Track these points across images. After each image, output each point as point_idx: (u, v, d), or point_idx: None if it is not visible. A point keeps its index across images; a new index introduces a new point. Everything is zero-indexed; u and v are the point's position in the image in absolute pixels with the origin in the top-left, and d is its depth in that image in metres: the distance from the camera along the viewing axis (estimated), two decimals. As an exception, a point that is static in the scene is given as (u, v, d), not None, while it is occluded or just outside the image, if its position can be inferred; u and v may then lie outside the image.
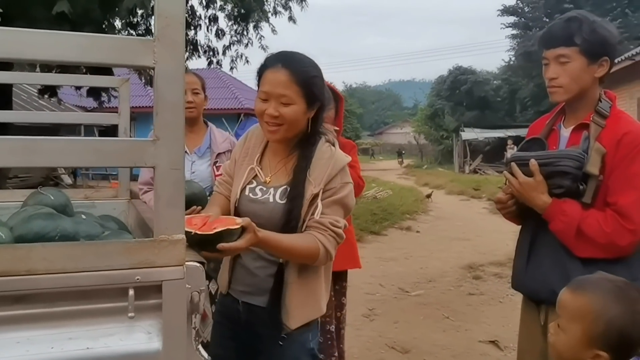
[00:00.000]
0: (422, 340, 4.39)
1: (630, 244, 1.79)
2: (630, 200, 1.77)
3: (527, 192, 1.90)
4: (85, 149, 1.11)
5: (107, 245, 1.18)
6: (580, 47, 1.86)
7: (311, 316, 1.78)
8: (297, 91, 1.69)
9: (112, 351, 1.17)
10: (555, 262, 1.90)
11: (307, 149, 1.77)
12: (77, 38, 1.10)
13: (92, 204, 2.72)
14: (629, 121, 1.89)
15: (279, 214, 1.72)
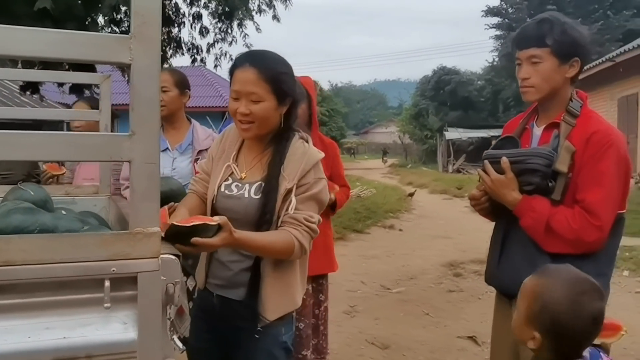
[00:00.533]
0: (401, 336, 4.45)
1: (596, 240, 1.85)
2: (597, 197, 1.83)
3: (498, 189, 1.96)
4: (63, 143, 1.13)
5: (83, 237, 1.21)
6: (552, 48, 1.92)
7: (287, 309, 1.82)
8: (266, 88, 1.73)
9: (89, 340, 1.20)
10: (525, 257, 1.96)
11: (281, 145, 1.81)
12: (53, 35, 1.13)
13: (72, 200, 2.73)
14: (599, 120, 1.95)
15: (253, 208, 1.76)
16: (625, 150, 1.91)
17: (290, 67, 1.84)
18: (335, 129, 34.64)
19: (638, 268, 6.40)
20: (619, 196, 1.90)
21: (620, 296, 5.52)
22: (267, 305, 1.77)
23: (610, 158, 1.85)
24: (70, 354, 1.18)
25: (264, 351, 1.81)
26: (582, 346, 1.42)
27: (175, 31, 9.55)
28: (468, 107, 32.85)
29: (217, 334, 1.89)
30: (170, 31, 9.63)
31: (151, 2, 1.18)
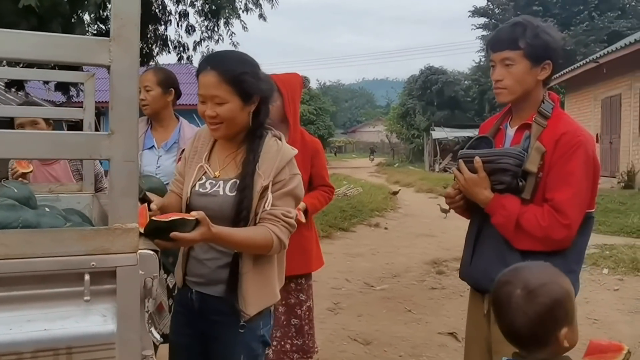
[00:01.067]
0: (383, 332, 4.52)
1: (564, 238, 1.91)
2: (565, 196, 1.89)
3: (471, 188, 2.02)
4: (43, 141, 1.17)
5: (63, 232, 1.25)
6: (524, 51, 1.97)
7: (267, 303, 1.87)
8: (228, 90, 1.77)
9: (69, 332, 1.24)
10: (496, 253, 2.02)
11: (254, 143, 1.86)
12: (34, 37, 1.16)
13: (56, 197, 2.76)
14: (568, 122, 2.01)
15: (229, 206, 1.80)
16: (593, 151, 1.96)
17: (254, 65, 1.86)
18: (323, 128, 34.68)
19: (617, 266, 6.52)
20: (587, 195, 1.95)
21: (599, 293, 5.64)
22: (248, 300, 1.81)
23: (579, 158, 1.90)
24: (50, 345, 1.22)
25: (243, 345, 1.86)
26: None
27: (161, 29, 9.55)
28: (455, 106, 33.05)
29: (196, 330, 1.93)
30: (157, 29, 9.63)
31: (130, 6, 1.23)
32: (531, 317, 1.34)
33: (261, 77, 1.87)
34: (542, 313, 1.33)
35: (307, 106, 33.39)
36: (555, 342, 1.35)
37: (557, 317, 1.35)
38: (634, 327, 4.62)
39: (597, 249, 7.43)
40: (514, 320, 1.36)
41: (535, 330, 1.35)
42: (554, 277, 1.40)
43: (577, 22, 25.90)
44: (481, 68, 32.46)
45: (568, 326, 1.36)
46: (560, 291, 1.37)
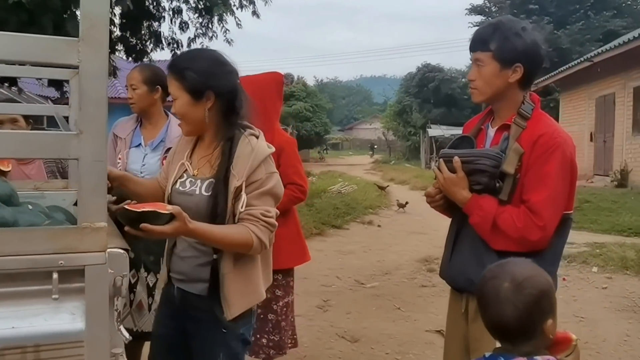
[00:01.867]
0: (371, 329, 4.54)
1: (540, 239, 1.91)
2: (541, 197, 1.89)
3: (449, 187, 2.02)
4: (12, 140, 1.18)
5: (31, 231, 1.26)
6: (494, 53, 1.97)
7: (250, 303, 1.89)
8: (176, 85, 1.85)
9: (37, 330, 1.25)
10: (474, 253, 2.02)
11: (226, 142, 1.87)
12: (3, 38, 1.17)
13: (41, 194, 2.75)
14: (547, 123, 2.00)
15: (204, 205, 1.82)
16: (571, 153, 1.96)
17: (205, 60, 1.87)
18: (319, 125, 34.67)
19: (606, 265, 6.56)
20: (564, 197, 1.95)
21: (587, 292, 5.68)
22: (230, 301, 1.83)
23: (556, 160, 1.91)
24: (18, 342, 1.23)
25: (222, 343, 1.88)
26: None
27: (155, 25, 9.52)
28: (451, 104, 33.08)
29: (178, 324, 1.96)
30: (151, 25, 9.59)
31: (99, 7, 1.23)
32: (520, 309, 1.37)
33: (216, 73, 1.86)
34: (530, 304, 1.37)
35: (303, 103, 33.42)
36: (541, 334, 1.39)
37: (544, 308, 1.39)
38: (620, 325, 4.66)
39: (588, 247, 7.46)
40: (503, 313, 1.39)
41: (524, 321, 1.38)
42: (537, 270, 1.45)
43: (573, 21, 25.92)
44: (478, 66, 32.44)
45: (552, 317, 1.40)
46: (545, 282, 1.42)
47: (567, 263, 6.76)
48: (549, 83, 19.60)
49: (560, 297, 5.61)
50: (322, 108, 36.17)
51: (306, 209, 10.21)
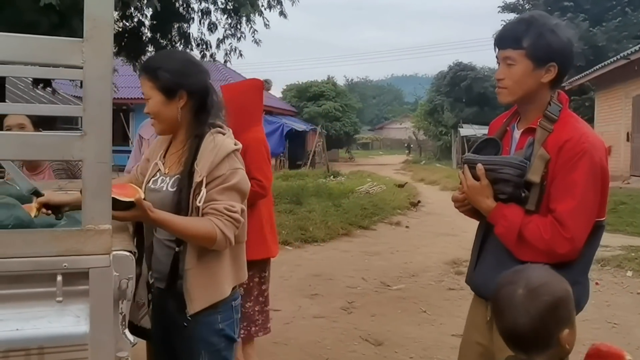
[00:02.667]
0: (395, 333, 4.48)
1: (569, 252, 1.81)
2: (567, 208, 1.79)
3: (473, 195, 1.95)
4: (15, 142, 1.18)
5: (35, 233, 1.25)
6: (526, 51, 1.86)
7: (213, 299, 1.88)
8: (150, 85, 1.88)
9: (41, 333, 1.25)
10: (498, 261, 1.93)
11: (194, 140, 1.91)
12: (7, 38, 1.17)
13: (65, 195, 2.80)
14: (575, 126, 1.88)
15: (169, 201, 1.86)
16: (601, 158, 1.84)
17: (179, 61, 1.94)
18: (348, 125, 34.59)
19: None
20: (594, 207, 1.84)
21: (620, 297, 5.50)
22: (191, 296, 1.84)
23: (583, 167, 1.80)
24: (22, 345, 1.23)
25: (200, 339, 1.89)
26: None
27: (185, 27, 9.63)
28: (484, 103, 32.57)
29: (162, 324, 2.00)
30: (181, 27, 9.71)
31: (103, 7, 1.22)
32: (533, 316, 1.32)
33: (188, 72, 1.91)
34: (544, 311, 1.32)
35: (333, 103, 33.37)
36: (557, 344, 1.34)
37: (559, 316, 1.33)
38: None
39: (622, 251, 7.25)
40: (516, 320, 1.34)
41: (538, 329, 1.33)
42: (555, 277, 1.39)
43: (609, 18, 25.23)
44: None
45: (570, 327, 1.34)
46: (562, 290, 1.36)
47: (600, 267, 6.57)
48: (584, 82, 19.13)
49: (593, 302, 5.42)
50: (351, 108, 36.06)
51: (333, 209, 10.19)
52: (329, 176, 18.92)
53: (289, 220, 8.92)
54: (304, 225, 8.61)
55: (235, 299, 1.98)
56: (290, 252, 7.49)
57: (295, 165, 25.34)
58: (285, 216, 9.29)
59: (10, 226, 1.77)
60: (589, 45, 24.58)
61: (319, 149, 26.30)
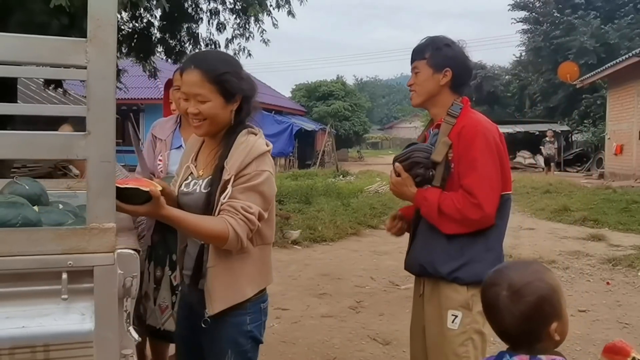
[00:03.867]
0: (403, 332, 4.43)
1: (481, 217, 2.12)
2: (472, 180, 2.13)
3: (399, 188, 2.27)
4: (19, 142, 1.19)
5: (39, 232, 1.27)
6: (427, 60, 2.28)
7: (232, 301, 1.85)
8: (210, 89, 1.81)
9: (47, 330, 1.26)
10: (424, 241, 2.29)
11: (230, 140, 1.89)
12: (11, 39, 1.18)
13: (74, 194, 2.82)
14: (471, 117, 2.24)
15: (201, 202, 1.84)
16: (494, 137, 2.18)
17: (235, 65, 1.91)
18: (358, 124, 34.55)
19: (654, 268, 6.28)
20: (495, 177, 2.16)
21: (632, 296, 5.45)
22: (212, 295, 1.83)
23: (479, 145, 2.14)
24: (28, 342, 1.25)
25: (228, 339, 1.88)
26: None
27: (193, 27, 9.66)
28: (494, 102, 32.45)
29: (191, 322, 1.97)
30: (190, 27, 9.75)
31: (106, 7, 1.23)
32: (518, 317, 1.36)
33: (243, 76, 1.90)
34: (528, 312, 1.35)
35: (342, 102, 33.34)
36: (547, 337, 1.37)
37: (545, 313, 1.36)
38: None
39: (634, 250, 7.18)
40: (503, 321, 1.38)
41: (524, 328, 1.37)
42: (537, 275, 1.41)
43: (622, 15, 25.04)
44: (522, 63, 31.80)
45: (558, 320, 1.37)
46: (545, 288, 1.38)
47: (612, 266, 6.52)
48: (596, 80, 19.00)
49: (604, 302, 5.40)
50: (361, 107, 36.00)
51: (342, 209, 10.18)
52: (338, 176, 18.91)
53: (297, 220, 8.93)
54: (312, 225, 8.61)
55: (264, 301, 1.96)
56: (299, 252, 7.50)
57: (304, 164, 25.36)
58: (294, 215, 9.29)
59: (18, 225, 1.78)
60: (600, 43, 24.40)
61: (328, 148, 26.31)
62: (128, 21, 9.49)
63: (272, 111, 24.82)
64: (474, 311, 2.13)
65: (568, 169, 22.82)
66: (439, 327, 2.20)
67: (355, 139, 36.92)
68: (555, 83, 26.09)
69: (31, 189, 2.30)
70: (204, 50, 2.16)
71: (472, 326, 2.15)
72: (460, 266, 2.15)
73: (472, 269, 2.13)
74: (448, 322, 2.17)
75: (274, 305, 4.94)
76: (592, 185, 15.60)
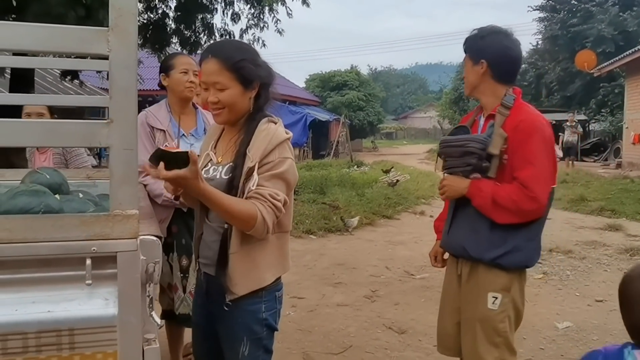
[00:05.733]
0: (419, 321, 4.48)
1: (535, 209, 2.20)
2: (528, 173, 2.19)
3: (453, 185, 2.35)
4: (42, 130, 1.21)
5: (63, 218, 1.29)
6: (468, 54, 2.39)
7: (252, 287, 1.88)
8: (229, 76, 1.84)
9: (71, 315, 1.29)
10: (472, 227, 2.35)
11: (250, 127, 1.90)
12: (35, 29, 1.20)
13: (93, 183, 2.86)
14: (527, 111, 2.29)
15: (222, 188, 1.84)
16: (550, 134, 2.26)
17: (252, 52, 1.93)
18: (372, 114, 34.43)
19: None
20: (550, 172, 2.23)
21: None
22: (234, 280, 1.85)
23: (537, 140, 2.20)
24: (53, 326, 1.27)
25: (243, 327, 1.90)
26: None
27: (208, 17, 9.67)
28: (509, 91, 32.10)
29: (207, 310, 2.00)
30: (204, 17, 9.76)
31: (128, -4, 1.24)
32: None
33: (260, 64, 1.92)
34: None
35: (356, 92, 33.26)
36: None
37: None
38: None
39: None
40: (636, 316, 1.38)
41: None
42: None
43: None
44: (538, 51, 31.41)
45: None
46: None
47: (629, 257, 6.47)
48: (614, 68, 18.72)
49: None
50: (375, 97, 35.87)
51: (357, 199, 10.18)
52: (352, 166, 18.88)
53: (312, 210, 8.94)
54: (327, 215, 8.62)
55: (278, 290, 1.99)
56: (314, 241, 7.52)
57: (318, 155, 25.36)
58: (309, 206, 9.31)
59: (41, 213, 1.82)
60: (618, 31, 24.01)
61: (343, 138, 26.25)
62: (143, 12, 9.52)
63: (286, 101, 24.79)
64: (512, 292, 2.30)
65: (585, 158, 22.57)
66: (478, 306, 2.33)
67: (370, 129, 36.81)
68: (572, 72, 25.75)
69: (52, 178, 2.33)
70: (221, 40, 2.15)
71: (510, 305, 2.31)
72: (504, 254, 2.25)
73: (515, 257, 2.26)
74: (489, 303, 2.30)
75: (290, 294, 4.97)
76: (609, 175, 15.43)
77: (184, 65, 2.96)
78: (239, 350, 1.90)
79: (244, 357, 1.90)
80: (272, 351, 1.98)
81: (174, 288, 2.82)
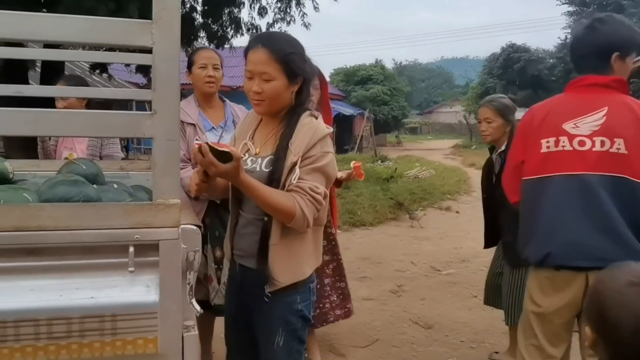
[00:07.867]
0: (445, 317, 4.46)
1: None
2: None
3: None
4: (88, 120, 1.24)
5: (108, 207, 1.32)
6: None
7: (293, 278, 1.89)
8: (277, 68, 1.83)
9: (114, 301, 1.32)
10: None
11: (292, 120, 1.90)
12: (80, 21, 1.23)
13: (126, 174, 2.91)
14: None
15: (263, 180, 1.85)
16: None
17: (300, 47, 1.92)
18: (397, 109, 34.21)
19: None
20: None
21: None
22: (275, 270, 1.86)
23: None
24: (97, 312, 1.31)
25: (279, 317, 1.92)
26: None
27: (235, 11, 9.71)
28: (538, 86, 31.65)
29: (241, 301, 2.02)
30: (231, 11, 9.80)
31: (171, -11, 1.26)
32: None
33: (305, 59, 1.92)
34: None
35: (381, 87, 33.08)
36: None
37: None
38: None
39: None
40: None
41: None
42: None
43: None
44: (567, 46, 30.71)
45: None
46: None
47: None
48: None
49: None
50: (400, 91, 35.62)
51: (382, 194, 10.16)
52: (376, 161, 18.83)
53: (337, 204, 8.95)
54: (352, 209, 8.63)
55: (312, 282, 2.00)
56: (339, 235, 7.51)
57: (342, 149, 25.34)
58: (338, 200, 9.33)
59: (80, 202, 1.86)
60: (651, 25, 23.42)
61: (367, 133, 26.18)
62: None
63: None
64: None
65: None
66: None
67: (394, 124, 36.60)
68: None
69: (88, 168, 2.38)
70: (269, 31, 2.18)
71: None
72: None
73: None
74: None
75: (316, 287, 5.00)
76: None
77: (202, 60, 3.00)
78: (274, 340, 1.92)
79: (278, 347, 1.92)
80: (305, 341, 2.00)
81: (210, 279, 2.86)
